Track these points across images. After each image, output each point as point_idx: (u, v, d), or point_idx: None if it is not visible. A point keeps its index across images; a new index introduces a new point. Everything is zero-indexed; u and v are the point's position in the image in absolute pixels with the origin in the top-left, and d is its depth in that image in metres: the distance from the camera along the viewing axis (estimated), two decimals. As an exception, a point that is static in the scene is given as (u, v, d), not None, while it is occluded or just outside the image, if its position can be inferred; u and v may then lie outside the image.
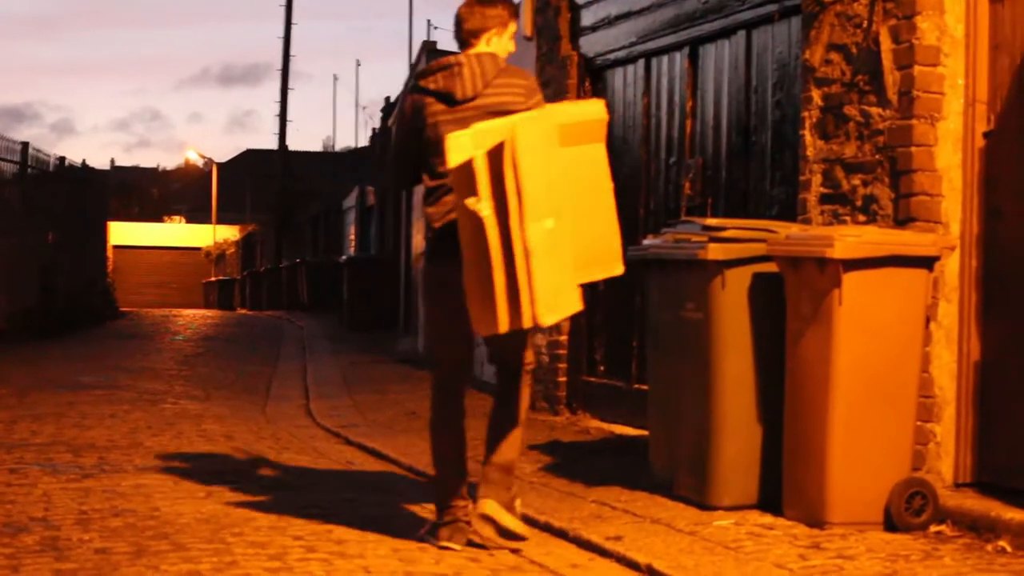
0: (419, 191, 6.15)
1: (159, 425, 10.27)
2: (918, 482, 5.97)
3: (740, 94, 8.48)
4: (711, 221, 6.71)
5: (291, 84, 55.58)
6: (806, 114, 7.03)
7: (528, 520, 6.43)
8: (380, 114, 39.75)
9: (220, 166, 64.51)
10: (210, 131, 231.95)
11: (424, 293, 6.41)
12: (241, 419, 11.15)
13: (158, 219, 68.30)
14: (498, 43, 5.96)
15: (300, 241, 47.07)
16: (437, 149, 5.67)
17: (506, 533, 5.82)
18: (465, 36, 5.97)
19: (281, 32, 49.82)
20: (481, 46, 5.93)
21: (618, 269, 5.76)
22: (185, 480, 7.58)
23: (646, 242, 7.14)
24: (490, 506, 5.81)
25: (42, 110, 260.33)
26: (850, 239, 5.85)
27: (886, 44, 6.48)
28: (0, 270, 19.22)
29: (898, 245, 5.95)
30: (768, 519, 6.16)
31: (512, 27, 6.04)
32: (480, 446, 6.10)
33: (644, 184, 9.61)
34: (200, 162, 68.42)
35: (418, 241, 19.88)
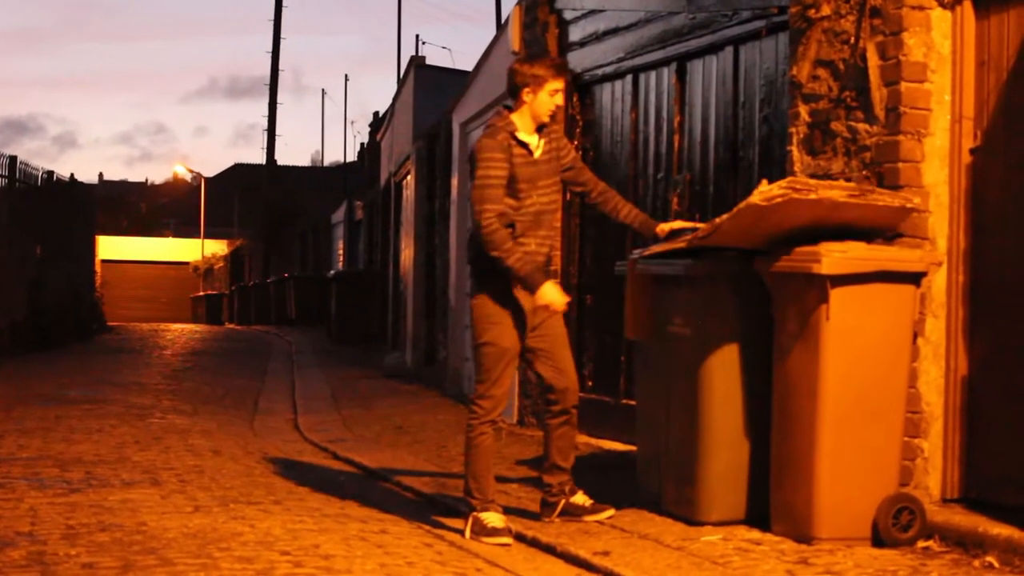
0: (408, 207, 6.26)
1: (146, 440, 10.25)
2: (906, 497, 5.97)
3: (728, 110, 8.50)
4: (700, 233, 6.63)
5: (286, 99, 55.59)
6: (793, 130, 7.04)
7: (516, 535, 6.45)
8: (368, 128, 39.80)
9: (209, 180, 64.45)
10: (214, 145, 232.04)
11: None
12: (229, 434, 11.13)
13: (146, 233, 68.14)
14: (528, 96, 6.54)
15: (288, 256, 47.07)
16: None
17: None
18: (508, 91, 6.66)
19: (284, 46, 49.92)
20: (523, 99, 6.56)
21: None
22: (172, 495, 7.57)
23: (633, 255, 7.13)
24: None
25: (46, 123, 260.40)
26: (837, 255, 5.86)
27: (873, 60, 6.50)
28: (-13, 284, 19.21)
29: (885, 261, 5.96)
30: (756, 534, 6.16)
31: (552, 84, 6.56)
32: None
33: (631, 199, 9.60)
34: (188, 176, 68.36)
35: (406, 256, 19.89)
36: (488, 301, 6.54)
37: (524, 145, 6.53)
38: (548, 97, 6.56)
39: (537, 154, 6.58)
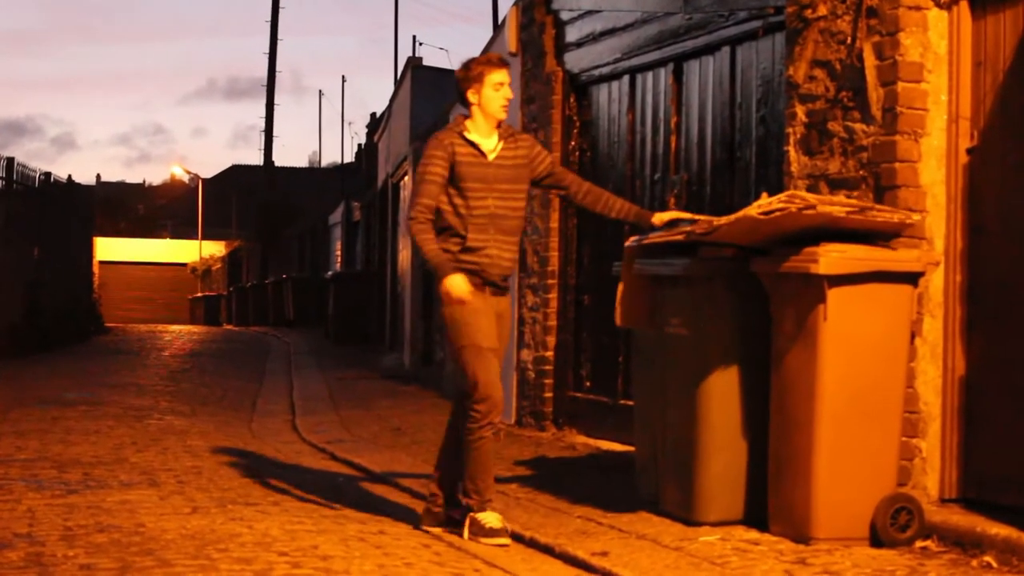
0: (406, 208, 6.26)
1: (144, 441, 10.25)
2: (904, 497, 5.98)
3: (724, 110, 8.50)
4: (699, 229, 6.53)
5: (284, 100, 55.67)
6: (790, 130, 7.05)
7: (514, 536, 6.45)
8: (366, 129, 39.82)
9: (206, 181, 64.47)
10: (212, 146, 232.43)
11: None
12: (227, 435, 11.13)
13: (144, 235, 68.15)
14: (473, 96, 6.56)
15: (286, 257, 47.06)
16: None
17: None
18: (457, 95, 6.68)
19: (282, 47, 49.97)
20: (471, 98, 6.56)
21: None
22: (170, 496, 7.57)
23: (631, 242, 7.09)
24: None
25: (44, 124, 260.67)
26: (835, 255, 5.86)
27: (870, 60, 6.51)
28: (-15, 285, 19.21)
29: (883, 261, 5.96)
30: (754, 535, 6.17)
31: (493, 77, 6.52)
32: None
33: (629, 200, 9.61)
34: (186, 177, 68.36)
35: (404, 257, 19.88)
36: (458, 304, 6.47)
37: (474, 145, 6.52)
38: (493, 92, 6.55)
39: (491, 157, 6.54)
